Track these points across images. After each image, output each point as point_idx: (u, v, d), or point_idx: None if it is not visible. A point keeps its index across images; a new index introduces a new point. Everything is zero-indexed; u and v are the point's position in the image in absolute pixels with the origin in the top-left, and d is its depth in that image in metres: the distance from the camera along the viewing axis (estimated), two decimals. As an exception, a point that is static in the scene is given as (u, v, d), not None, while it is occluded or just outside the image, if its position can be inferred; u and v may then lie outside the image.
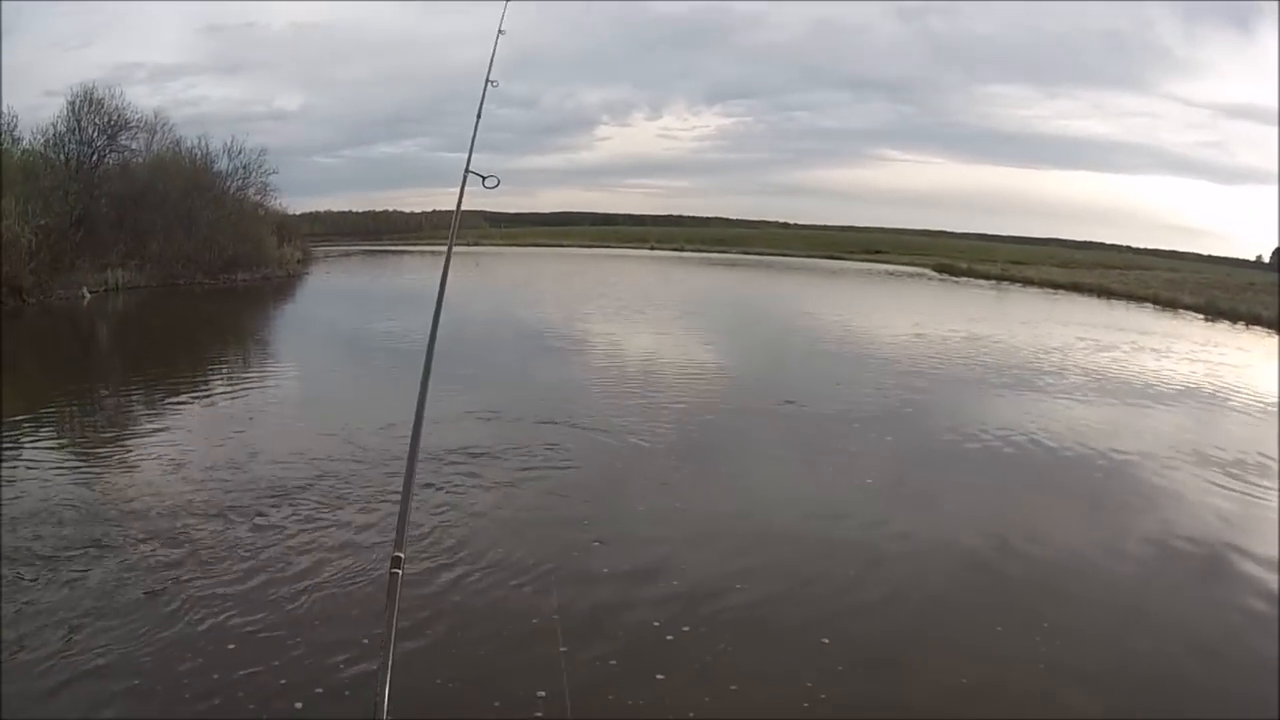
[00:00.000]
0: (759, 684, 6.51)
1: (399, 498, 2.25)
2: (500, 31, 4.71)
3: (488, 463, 11.52)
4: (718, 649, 6.93)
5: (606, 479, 11.33)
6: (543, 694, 5.97)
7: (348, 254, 76.38)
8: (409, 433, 2.51)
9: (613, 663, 6.61)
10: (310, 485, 10.44)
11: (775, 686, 6.52)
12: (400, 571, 1.85)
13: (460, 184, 3.72)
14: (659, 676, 6.49)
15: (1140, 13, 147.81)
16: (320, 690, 6.16)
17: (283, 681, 6.25)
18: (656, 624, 7.24)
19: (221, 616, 7.19)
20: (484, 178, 3.68)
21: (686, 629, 7.18)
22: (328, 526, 9.29)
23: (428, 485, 10.24)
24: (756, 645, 7.08)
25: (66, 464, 11.38)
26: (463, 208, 3.78)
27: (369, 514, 9.54)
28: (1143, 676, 6.88)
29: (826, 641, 7.15)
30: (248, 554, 8.50)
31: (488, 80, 4.34)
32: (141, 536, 8.69)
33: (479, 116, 4.12)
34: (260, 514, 9.50)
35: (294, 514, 9.58)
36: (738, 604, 7.79)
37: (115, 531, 8.77)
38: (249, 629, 7.01)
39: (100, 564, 7.99)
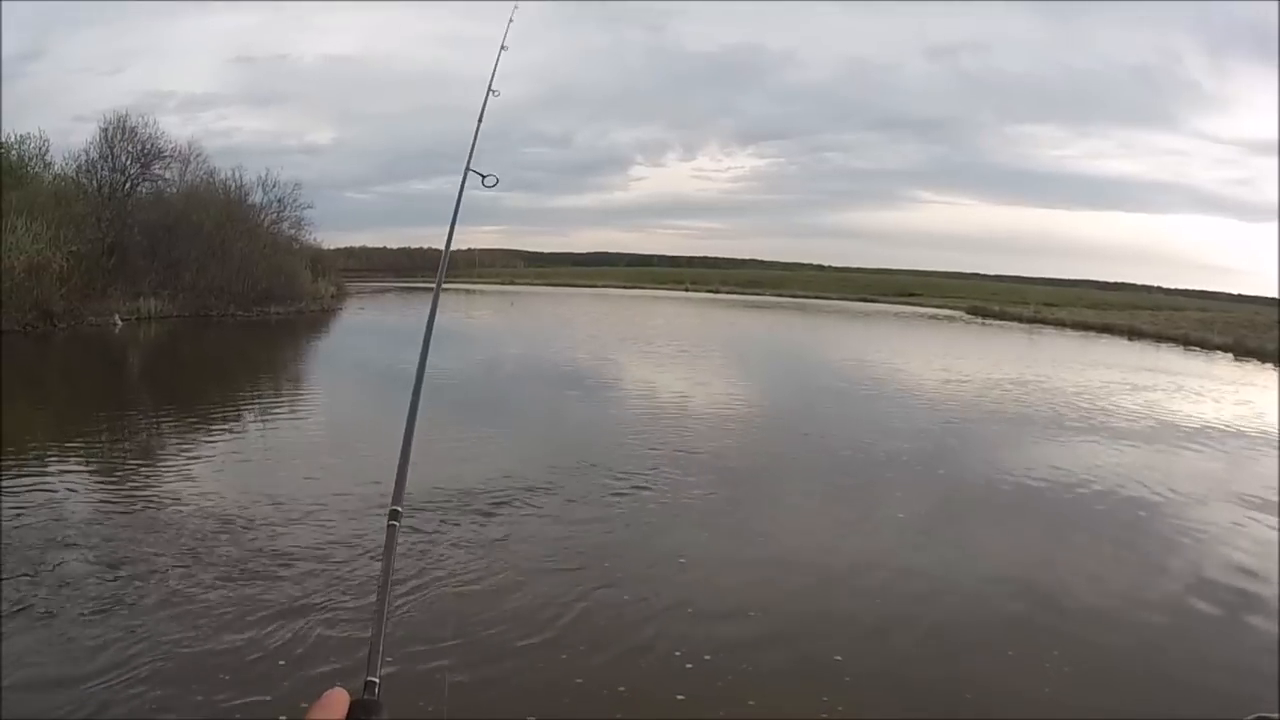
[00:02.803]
0: (776, 698, 6.59)
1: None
2: (503, 47, 4.69)
3: (544, 495, 11.67)
4: (739, 669, 6.99)
5: (651, 516, 11.22)
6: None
7: (382, 290, 76.95)
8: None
9: (621, 689, 6.62)
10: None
11: (792, 699, 6.60)
12: (398, 524, 1.87)
13: (460, 181, 3.70)
14: (679, 697, 6.54)
15: (1168, 46, 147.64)
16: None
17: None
18: (678, 654, 7.22)
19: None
20: (484, 176, 3.65)
21: (708, 657, 7.16)
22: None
23: (484, 514, 10.57)
24: (776, 666, 7.14)
25: (88, 491, 11.27)
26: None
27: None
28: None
29: (840, 659, 7.25)
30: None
31: (490, 89, 4.33)
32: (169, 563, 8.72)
33: (480, 120, 4.09)
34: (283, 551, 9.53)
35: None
36: (760, 632, 7.79)
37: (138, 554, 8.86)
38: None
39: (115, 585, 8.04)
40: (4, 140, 35.73)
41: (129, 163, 40.05)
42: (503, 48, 4.64)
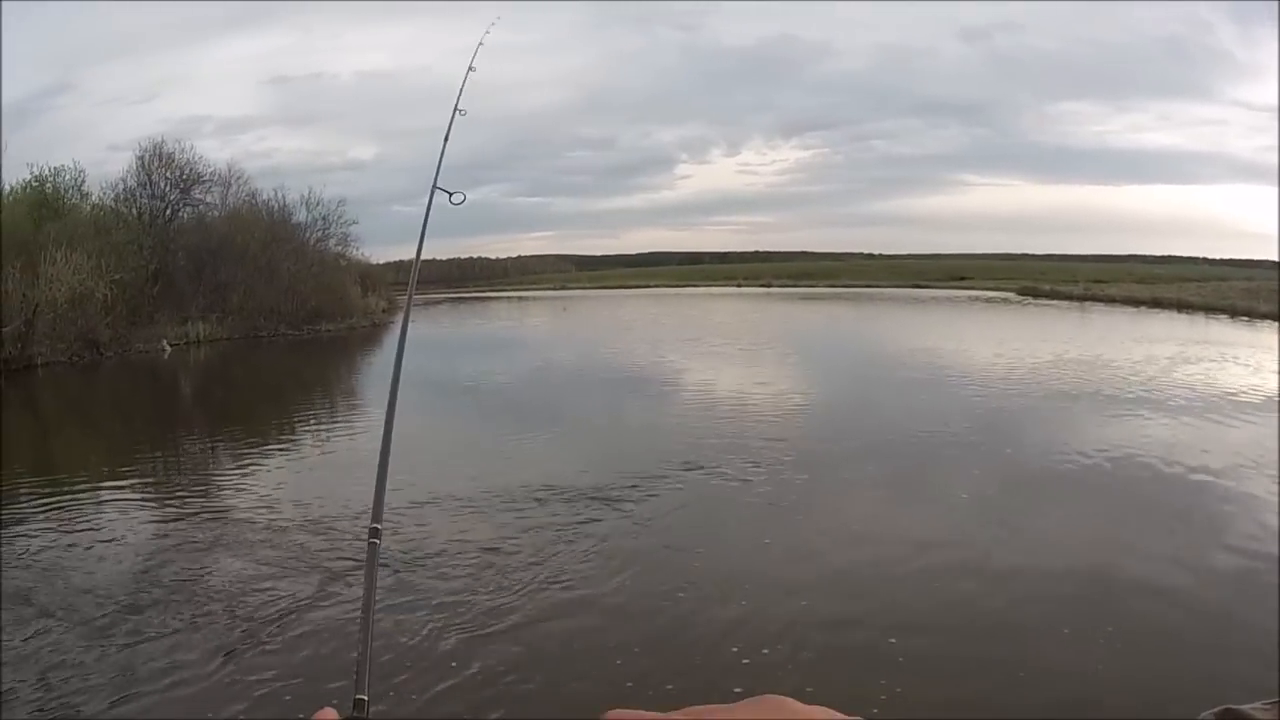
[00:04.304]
0: (833, 686, 6.65)
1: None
2: (471, 69, 4.80)
3: (609, 490, 11.84)
4: (798, 659, 7.08)
5: (710, 509, 11.37)
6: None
7: (434, 302, 77.36)
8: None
9: (669, 687, 6.67)
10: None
11: (849, 686, 6.67)
12: (378, 541, 1.96)
13: (428, 199, 3.82)
14: (736, 690, 6.49)
15: (1197, 16, 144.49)
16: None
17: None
18: (735, 649, 7.27)
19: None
20: (450, 194, 3.75)
21: (766, 651, 7.21)
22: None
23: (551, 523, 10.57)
24: (833, 652, 7.25)
25: (143, 522, 11.31)
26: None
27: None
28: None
29: (893, 641, 7.29)
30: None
31: (456, 109, 4.45)
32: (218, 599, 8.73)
33: (446, 139, 4.20)
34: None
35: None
36: (816, 619, 7.84)
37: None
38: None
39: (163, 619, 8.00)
40: (40, 173, 36.45)
41: (168, 188, 40.95)
42: (470, 69, 4.73)
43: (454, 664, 6.82)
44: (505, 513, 10.87)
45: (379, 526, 1.95)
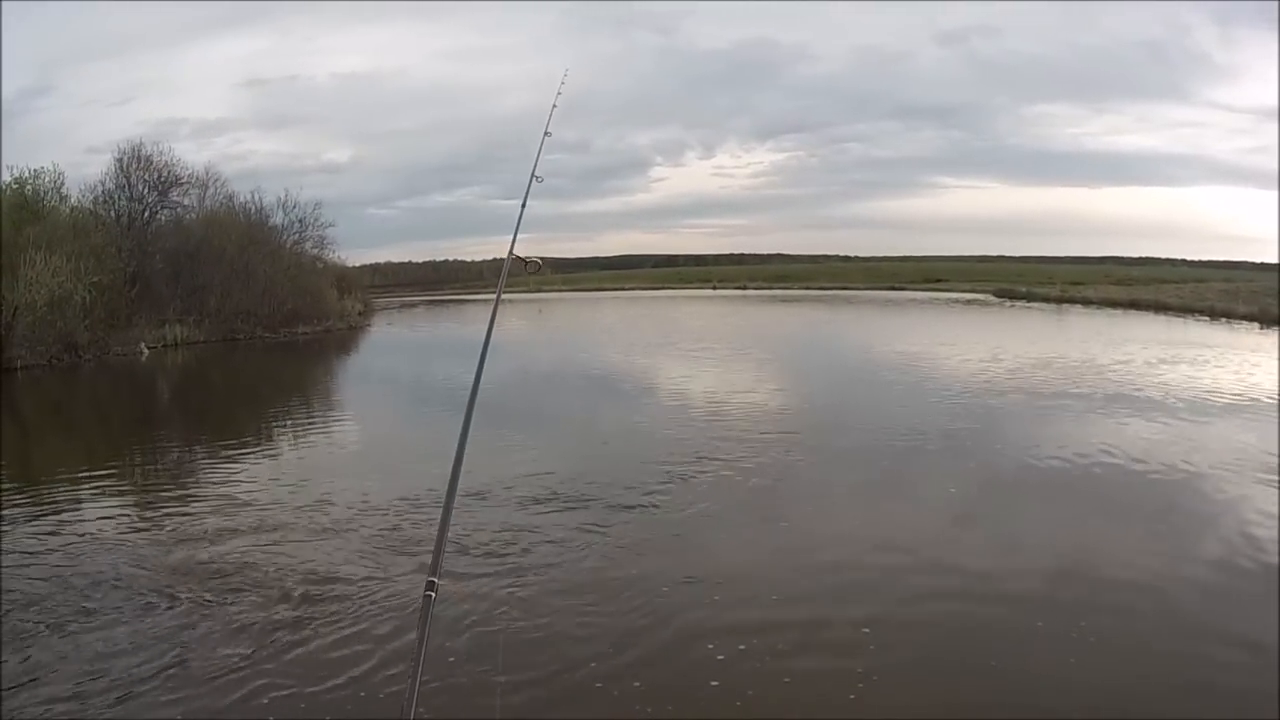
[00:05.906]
0: (806, 683, 6.65)
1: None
2: (547, 133, 4.83)
3: (590, 492, 11.87)
4: (775, 649, 7.12)
5: (692, 511, 11.25)
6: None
7: (409, 305, 77.20)
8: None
9: (637, 683, 6.65)
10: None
11: (824, 678, 6.70)
12: (434, 594, 1.91)
13: (504, 266, 3.84)
14: (713, 683, 6.61)
15: (1176, 19, 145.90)
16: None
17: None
18: (710, 646, 7.23)
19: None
20: (526, 262, 3.81)
21: (742, 647, 7.20)
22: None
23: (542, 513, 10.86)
24: (809, 645, 7.27)
25: (127, 526, 11.06)
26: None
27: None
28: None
29: (868, 631, 7.43)
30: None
31: (533, 175, 4.48)
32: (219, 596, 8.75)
33: (524, 206, 4.23)
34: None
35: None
36: (793, 615, 7.87)
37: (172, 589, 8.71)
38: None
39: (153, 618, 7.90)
40: (19, 175, 36.03)
41: (146, 191, 40.60)
42: (546, 134, 4.72)
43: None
44: (503, 515, 10.80)
45: (436, 580, 1.90)
